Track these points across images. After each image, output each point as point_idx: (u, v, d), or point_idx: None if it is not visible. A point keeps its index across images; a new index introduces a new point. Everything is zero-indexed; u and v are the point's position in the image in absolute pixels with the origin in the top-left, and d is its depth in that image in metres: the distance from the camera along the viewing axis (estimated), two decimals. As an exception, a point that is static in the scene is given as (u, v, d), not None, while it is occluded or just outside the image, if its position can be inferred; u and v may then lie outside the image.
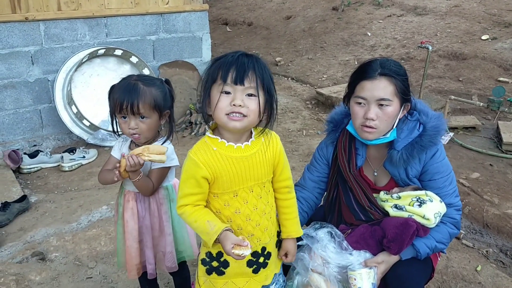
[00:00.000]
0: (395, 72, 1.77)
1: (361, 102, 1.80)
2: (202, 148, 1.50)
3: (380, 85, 1.76)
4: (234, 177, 1.51)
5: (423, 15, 7.46)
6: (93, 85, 4.41)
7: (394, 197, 1.84)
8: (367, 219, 1.91)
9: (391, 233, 1.75)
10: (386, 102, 1.76)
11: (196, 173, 1.47)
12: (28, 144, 4.21)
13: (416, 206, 1.78)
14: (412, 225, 1.74)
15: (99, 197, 3.28)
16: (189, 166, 1.49)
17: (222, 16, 9.92)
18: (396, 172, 1.89)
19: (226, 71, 1.40)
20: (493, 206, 3.17)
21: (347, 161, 1.96)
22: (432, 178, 1.85)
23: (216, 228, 1.46)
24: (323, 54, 7.15)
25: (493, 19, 6.80)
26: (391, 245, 1.75)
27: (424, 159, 1.84)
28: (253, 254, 1.61)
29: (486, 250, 2.80)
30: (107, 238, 2.81)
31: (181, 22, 4.81)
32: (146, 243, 1.94)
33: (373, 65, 1.79)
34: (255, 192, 1.57)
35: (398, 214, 1.81)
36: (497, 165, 3.81)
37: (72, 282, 2.47)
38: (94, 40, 4.37)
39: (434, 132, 1.82)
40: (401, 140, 1.84)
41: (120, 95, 1.74)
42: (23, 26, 3.98)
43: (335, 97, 5.07)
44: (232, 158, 1.50)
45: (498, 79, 5.57)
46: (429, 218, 1.76)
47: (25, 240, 2.80)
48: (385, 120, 1.78)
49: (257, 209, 1.57)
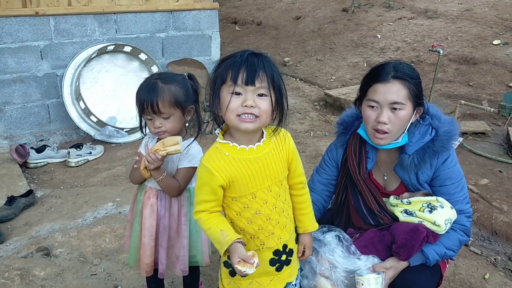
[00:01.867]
0: (409, 75, 1.74)
1: (374, 105, 1.77)
2: (214, 155, 1.47)
3: (393, 89, 1.73)
4: (250, 180, 1.49)
5: (434, 19, 7.40)
6: (102, 81, 4.40)
7: (405, 202, 1.81)
8: (376, 224, 1.88)
9: (400, 238, 1.72)
10: (399, 105, 1.73)
11: (211, 181, 1.46)
12: (35, 138, 4.22)
13: (426, 212, 1.74)
14: (422, 231, 1.71)
15: (105, 194, 3.27)
16: (202, 174, 1.47)
17: (231, 15, 9.91)
18: (406, 176, 1.86)
19: (236, 72, 1.37)
20: (502, 213, 3.13)
21: (357, 164, 1.93)
22: (443, 184, 1.82)
23: (227, 238, 1.45)
24: (332, 55, 7.11)
25: (505, 24, 6.73)
26: (400, 251, 1.72)
27: (435, 164, 1.81)
28: (275, 252, 1.60)
29: (494, 258, 2.76)
30: (112, 235, 2.80)
31: (191, 20, 4.80)
32: (161, 243, 1.93)
33: (386, 68, 1.76)
34: (273, 191, 1.56)
35: (408, 219, 1.78)
36: (506, 172, 3.76)
37: (76, 279, 2.46)
38: (103, 36, 4.37)
39: (447, 137, 1.79)
40: (412, 144, 1.81)
41: (141, 96, 1.75)
42: (33, 20, 3.99)
43: (343, 99, 5.04)
44: (245, 161, 1.48)
45: (509, 84, 5.51)
46: (439, 224, 1.72)
47: (30, 235, 2.80)
48: (397, 124, 1.75)
49: (276, 208, 1.57)
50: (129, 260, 2.05)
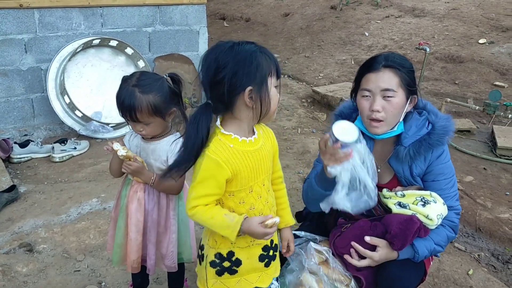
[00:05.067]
0: (400, 64, 1.79)
1: (367, 94, 1.81)
2: (220, 147, 1.44)
3: (385, 77, 1.77)
4: (251, 172, 1.49)
5: (421, 17, 7.45)
6: (87, 76, 4.35)
7: (399, 195, 1.83)
8: (367, 214, 1.89)
9: (394, 228, 1.74)
10: (390, 93, 1.76)
11: (219, 174, 1.43)
12: (19, 133, 4.15)
13: (420, 205, 1.76)
14: (416, 222, 1.74)
15: (89, 190, 3.23)
16: (209, 166, 1.43)
17: (219, 11, 9.87)
18: (400, 169, 1.89)
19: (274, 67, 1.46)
20: (486, 210, 3.17)
21: None
22: (435, 179, 1.85)
23: (236, 219, 1.45)
24: (320, 53, 7.12)
25: (491, 23, 6.80)
26: (395, 241, 1.75)
27: (429, 158, 1.84)
28: (264, 248, 1.61)
29: (478, 254, 2.79)
30: (96, 231, 2.77)
31: (178, 14, 4.76)
32: (150, 238, 1.91)
33: (378, 58, 1.82)
34: (266, 185, 1.57)
35: (401, 211, 1.80)
36: (490, 169, 3.81)
37: (60, 275, 2.43)
38: (89, 30, 4.31)
39: (443, 131, 1.82)
40: (409, 136, 1.84)
41: (119, 104, 1.74)
42: (17, 13, 3.92)
43: (331, 96, 5.04)
44: (248, 153, 1.48)
45: (494, 83, 5.57)
46: (432, 218, 1.75)
47: (12, 230, 2.76)
48: (391, 112, 1.78)
49: (268, 203, 1.58)
50: (113, 259, 2.01)
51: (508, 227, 3.00)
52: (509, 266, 2.73)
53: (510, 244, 2.91)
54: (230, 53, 1.39)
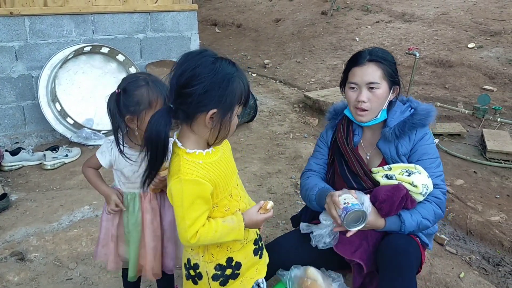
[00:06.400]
0: (382, 57, 1.98)
1: (354, 87, 2.01)
2: (191, 166, 1.41)
3: (369, 70, 1.96)
4: (226, 179, 1.50)
5: (411, 22, 7.52)
6: (78, 83, 4.34)
7: (385, 169, 1.98)
8: (359, 187, 2.05)
9: (382, 195, 1.87)
10: (375, 85, 1.95)
11: (203, 191, 1.42)
12: (10, 141, 4.13)
13: (405, 176, 1.90)
14: (403, 189, 1.86)
15: (81, 197, 3.22)
16: (191, 189, 1.40)
17: (211, 17, 9.89)
18: (387, 149, 2.04)
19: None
20: (477, 213, 3.20)
21: (345, 138, 2.14)
22: (420, 158, 2.00)
23: (236, 218, 1.50)
24: (311, 58, 7.16)
25: (480, 27, 6.88)
26: (382, 206, 1.86)
27: (413, 139, 2.01)
28: (255, 242, 1.67)
29: (469, 257, 2.81)
30: (88, 239, 2.76)
31: (170, 21, 4.77)
32: (170, 239, 1.91)
33: (363, 53, 2.01)
34: (238, 184, 1.62)
35: (388, 182, 1.94)
36: (481, 173, 3.84)
37: (52, 283, 2.41)
38: (80, 37, 4.31)
39: (425, 113, 2.01)
40: (393, 119, 2.03)
41: (151, 95, 1.70)
42: (8, 20, 3.91)
43: (322, 101, 5.07)
44: (215, 162, 1.48)
45: (483, 87, 5.63)
46: (417, 185, 1.86)
47: (4, 239, 2.74)
48: (375, 102, 1.98)
49: (246, 200, 1.65)
50: (130, 275, 1.94)
51: (499, 230, 3.03)
52: (500, 268, 2.75)
53: (500, 247, 2.94)
54: (210, 69, 1.35)
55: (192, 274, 1.62)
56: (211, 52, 1.41)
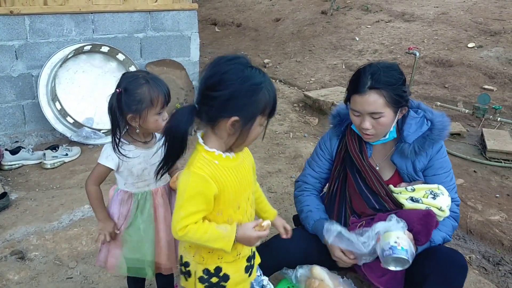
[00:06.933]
0: (386, 83, 1.80)
1: (357, 114, 1.88)
2: (205, 164, 1.42)
3: (370, 100, 1.80)
4: (237, 188, 1.49)
5: (411, 22, 7.52)
6: (78, 82, 4.34)
7: (409, 190, 1.89)
8: (380, 207, 1.95)
9: (417, 226, 1.80)
10: (377, 115, 1.81)
11: (207, 189, 1.41)
12: (9, 140, 4.13)
13: (430, 198, 1.84)
14: (434, 216, 1.81)
15: (81, 196, 3.22)
16: (196, 183, 1.40)
17: (211, 16, 9.89)
18: (404, 165, 1.96)
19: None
20: (477, 213, 3.20)
21: (359, 152, 2.01)
22: (436, 173, 1.94)
23: (230, 228, 1.45)
24: (311, 57, 7.16)
25: (479, 27, 6.88)
26: (419, 238, 1.80)
27: (430, 153, 1.93)
28: (248, 259, 1.63)
29: (469, 256, 2.81)
30: (88, 238, 2.76)
31: (170, 20, 4.77)
32: None
33: (363, 78, 1.82)
34: (250, 200, 1.58)
35: (414, 206, 1.86)
36: (481, 172, 3.84)
37: (52, 282, 2.42)
38: (80, 36, 4.30)
39: (442, 126, 1.93)
40: (411, 134, 1.92)
41: (153, 92, 1.72)
42: (8, 19, 3.90)
43: (322, 100, 5.07)
44: (232, 168, 1.47)
45: (483, 86, 5.63)
46: (444, 210, 1.83)
47: (4, 238, 2.74)
48: (380, 128, 1.86)
49: (251, 217, 1.60)
50: (148, 274, 1.93)
51: (499, 229, 3.03)
52: (500, 268, 2.75)
53: (500, 246, 2.94)
54: (238, 77, 1.36)
55: (183, 270, 1.64)
56: (244, 60, 1.41)
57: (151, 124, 1.77)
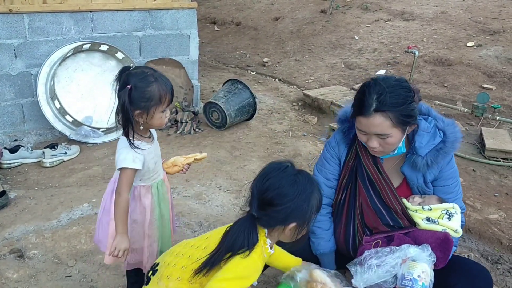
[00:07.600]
0: (392, 104, 1.69)
1: (362, 132, 1.81)
2: (261, 254, 1.55)
3: (375, 122, 1.72)
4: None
5: (410, 21, 7.52)
6: (77, 80, 4.33)
7: (426, 209, 1.86)
8: (394, 224, 1.90)
9: (436, 252, 1.78)
10: (384, 136, 1.74)
11: (253, 278, 1.52)
12: (8, 138, 4.13)
13: (445, 219, 1.83)
14: (452, 240, 1.81)
15: (80, 195, 3.22)
16: (252, 268, 1.50)
17: (210, 15, 9.88)
18: (414, 177, 1.90)
19: None
20: (475, 211, 3.20)
21: (374, 163, 1.93)
22: (445, 184, 1.90)
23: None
24: (311, 56, 7.16)
25: (479, 26, 6.88)
26: (437, 264, 1.79)
27: (441, 164, 1.87)
28: None
29: (468, 255, 2.82)
30: (87, 236, 2.76)
31: (169, 19, 4.76)
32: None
33: (368, 99, 1.71)
34: None
35: (430, 227, 1.84)
36: (479, 171, 3.85)
37: (51, 281, 2.42)
38: (79, 35, 4.30)
39: (454, 138, 1.83)
40: (423, 146, 1.83)
41: (161, 89, 1.77)
42: (7, 18, 3.90)
43: (321, 99, 5.07)
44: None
45: (482, 85, 5.64)
46: (459, 232, 1.84)
47: (3, 236, 2.74)
48: (387, 147, 1.79)
49: None
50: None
51: (497, 228, 3.04)
52: (498, 266, 2.76)
53: (499, 244, 2.94)
54: (294, 190, 1.49)
55: (150, 269, 1.80)
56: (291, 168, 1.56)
57: (156, 121, 1.81)
